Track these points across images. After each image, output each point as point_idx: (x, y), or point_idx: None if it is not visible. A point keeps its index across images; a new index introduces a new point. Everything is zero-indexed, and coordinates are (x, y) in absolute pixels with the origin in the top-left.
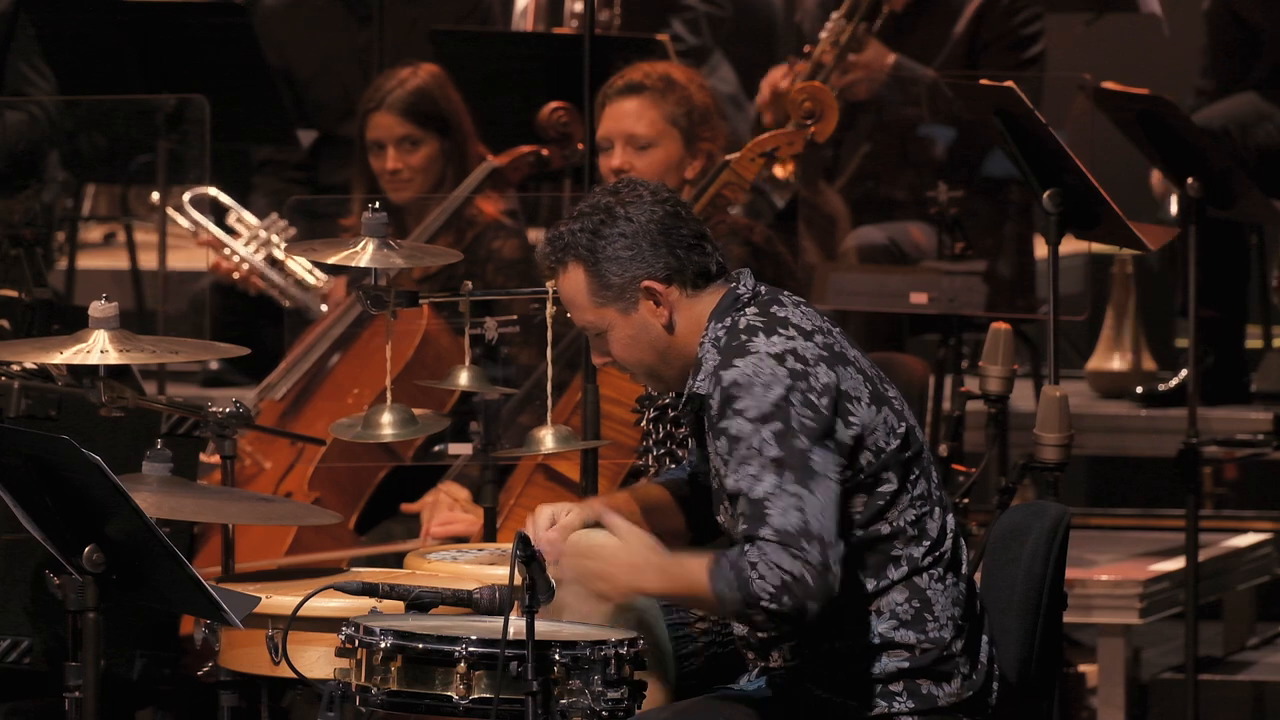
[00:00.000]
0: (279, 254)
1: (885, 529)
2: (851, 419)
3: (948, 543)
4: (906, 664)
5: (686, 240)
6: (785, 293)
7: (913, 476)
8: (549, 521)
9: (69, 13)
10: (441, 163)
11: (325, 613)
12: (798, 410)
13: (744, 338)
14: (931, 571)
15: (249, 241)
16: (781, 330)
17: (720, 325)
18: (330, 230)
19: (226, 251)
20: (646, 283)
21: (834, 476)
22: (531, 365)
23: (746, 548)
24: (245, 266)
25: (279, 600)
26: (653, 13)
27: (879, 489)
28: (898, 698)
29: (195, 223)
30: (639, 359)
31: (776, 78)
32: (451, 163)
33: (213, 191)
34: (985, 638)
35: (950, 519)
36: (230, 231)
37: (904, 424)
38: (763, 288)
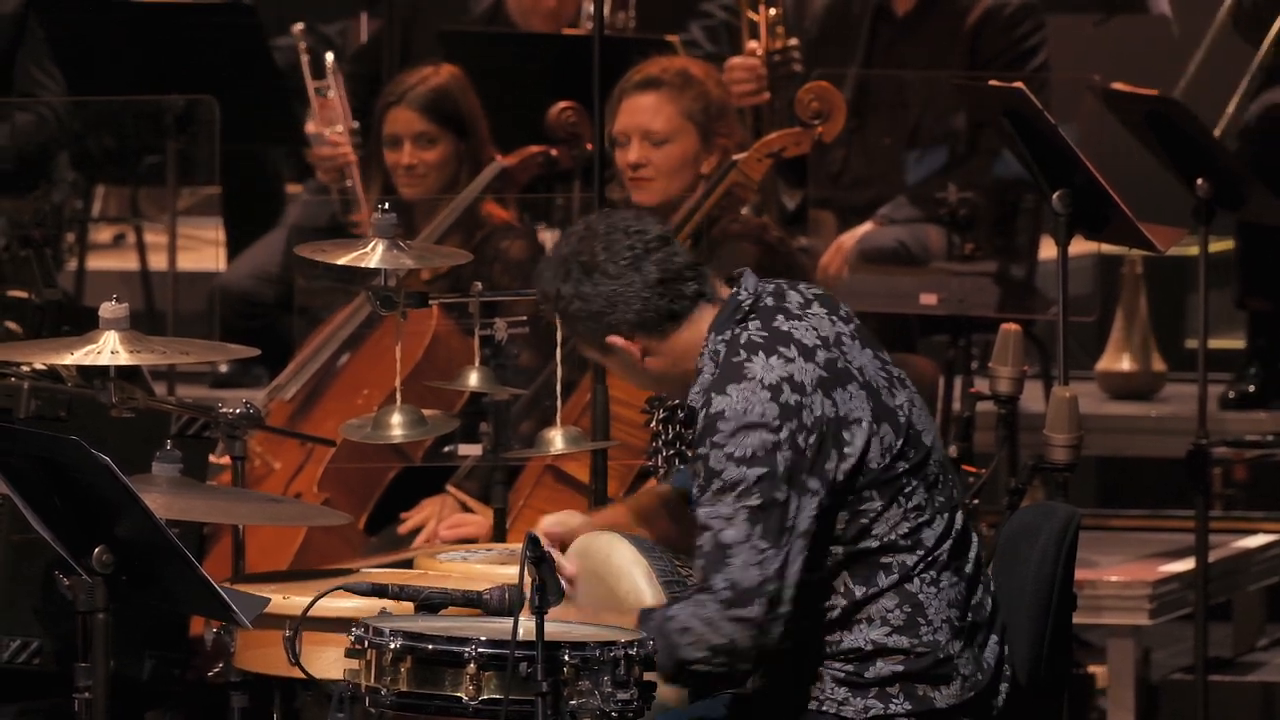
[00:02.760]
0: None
1: (873, 543)
2: (847, 449)
3: (946, 545)
4: (901, 668)
5: (641, 295)
6: (797, 287)
7: (907, 489)
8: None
9: (77, 14)
10: (456, 163)
11: (341, 613)
12: (783, 454)
13: (743, 355)
14: (924, 575)
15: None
16: (782, 349)
17: (720, 338)
18: (339, 226)
19: (339, 129)
20: (610, 338)
21: (807, 525)
22: (539, 366)
23: (684, 603)
24: (344, 154)
25: (293, 601)
26: (670, 17)
27: (861, 507)
28: (894, 700)
29: (327, 86)
30: (638, 383)
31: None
32: (465, 164)
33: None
34: (995, 637)
35: (957, 518)
36: None
37: (901, 439)
38: (768, 289)
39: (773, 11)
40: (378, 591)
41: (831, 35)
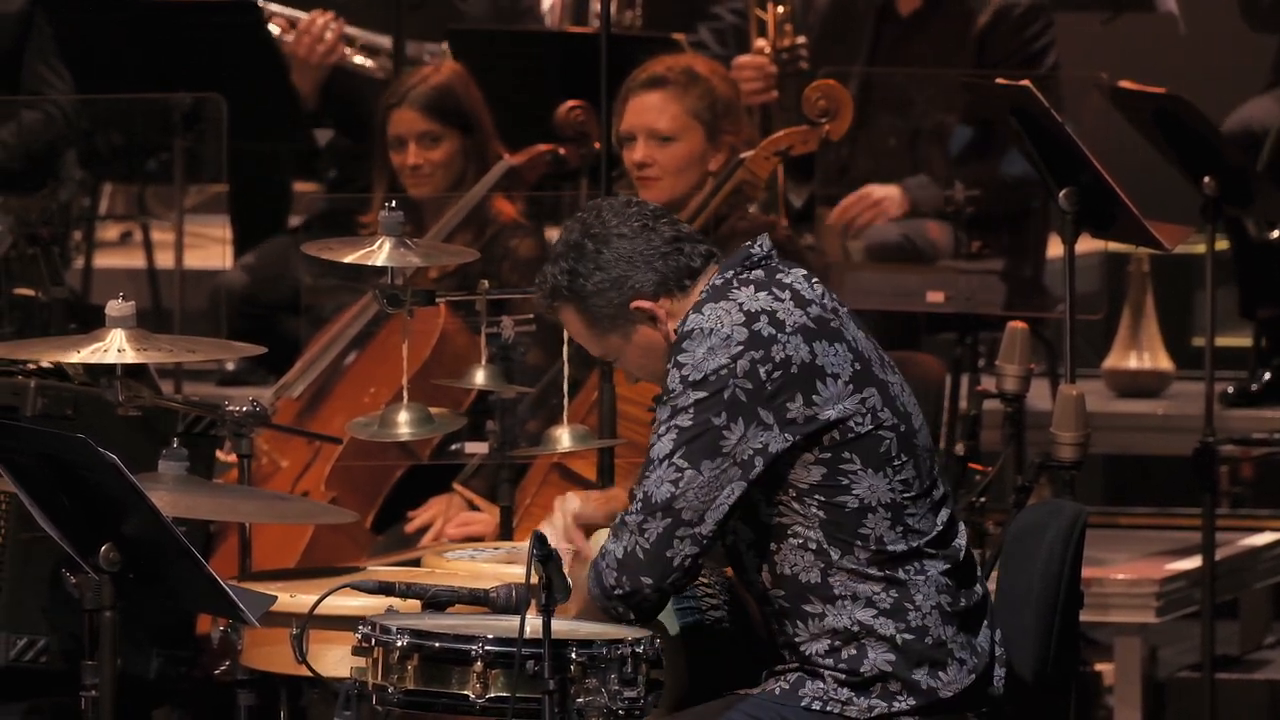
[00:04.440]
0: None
1: (852, 503)
2: (815, 396)
3: (934, 531)
4: (893, 656)
5: (660, 250)
6: (803, 270)
7: (895, 462)
8: (577, 508)
9: (85, 12)
10: (462, 160)
11: (348, 611)
12: (736, 380)
13: (735, 286)
14: (910, 565)
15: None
16: (776, 291)
17: (721, 276)
18: (348, 228)
19: (317, 25)
20: (635, 304)
21: (748, 456)
22: (546, 364)
23: (615, 526)
24: (329, 36)
25: (301, 599)
26: (679, 16)
27: (841, 466)
28: (898, 697)
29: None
30: (658, 370)
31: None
32: (472, 160)
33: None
34: (986, 621)
35: (944, 511)
36: None
37: (887, 410)
38: (777, 257)
39: (780, 9)
40: (385, 589)
41: (834, 32)
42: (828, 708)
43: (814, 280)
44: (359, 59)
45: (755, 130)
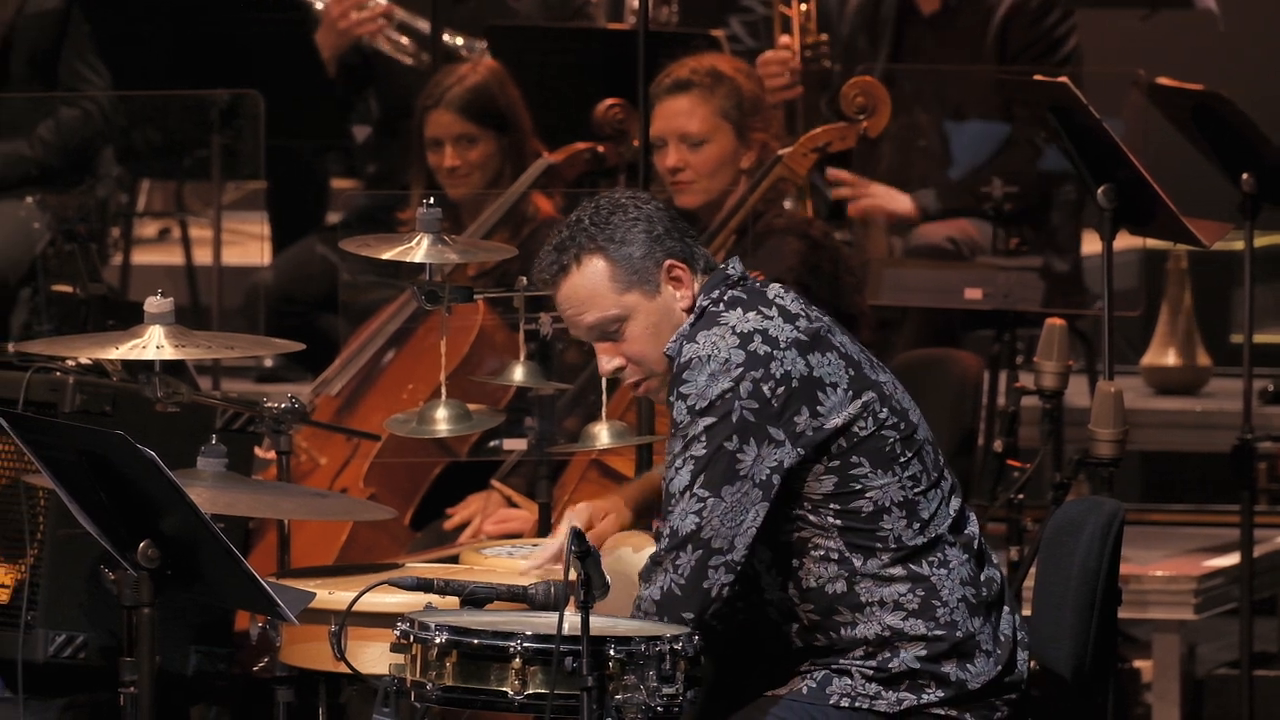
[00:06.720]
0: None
1: (868, 506)
2: (819, 407)
3: (946, 521)
4: (925, 652)
5: (685, 231)
6: (779, 285)
7: (902, 459)
8: (586, 524)
9: (122, 9)
10: (499, 159)
11: (386, 608)
12: (742, 402)
13: (721, 308)
14: (931, 558)
15: None
16: (763, 309)
17: (706, 297)
18: (387, 225)
19: None
20: (669, 261)
21: (766, 476)
22: (584, 361)
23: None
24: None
25: (339, 596)
26: (712, 11)
27: (851, 471)
28: (927, 689)
29: None
30: (660, 353)
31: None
32: (509, 159)
33: None
34: (1007, 608)
35: (953, 497)
36: None
37: (885, 409)
38: (753, 279)
39: (805, 6)
40: (423, 586)
41: (866, 30)
42: (856, 703)
43: (791, 295)
44: (394, 34)
45: (783, 125)
